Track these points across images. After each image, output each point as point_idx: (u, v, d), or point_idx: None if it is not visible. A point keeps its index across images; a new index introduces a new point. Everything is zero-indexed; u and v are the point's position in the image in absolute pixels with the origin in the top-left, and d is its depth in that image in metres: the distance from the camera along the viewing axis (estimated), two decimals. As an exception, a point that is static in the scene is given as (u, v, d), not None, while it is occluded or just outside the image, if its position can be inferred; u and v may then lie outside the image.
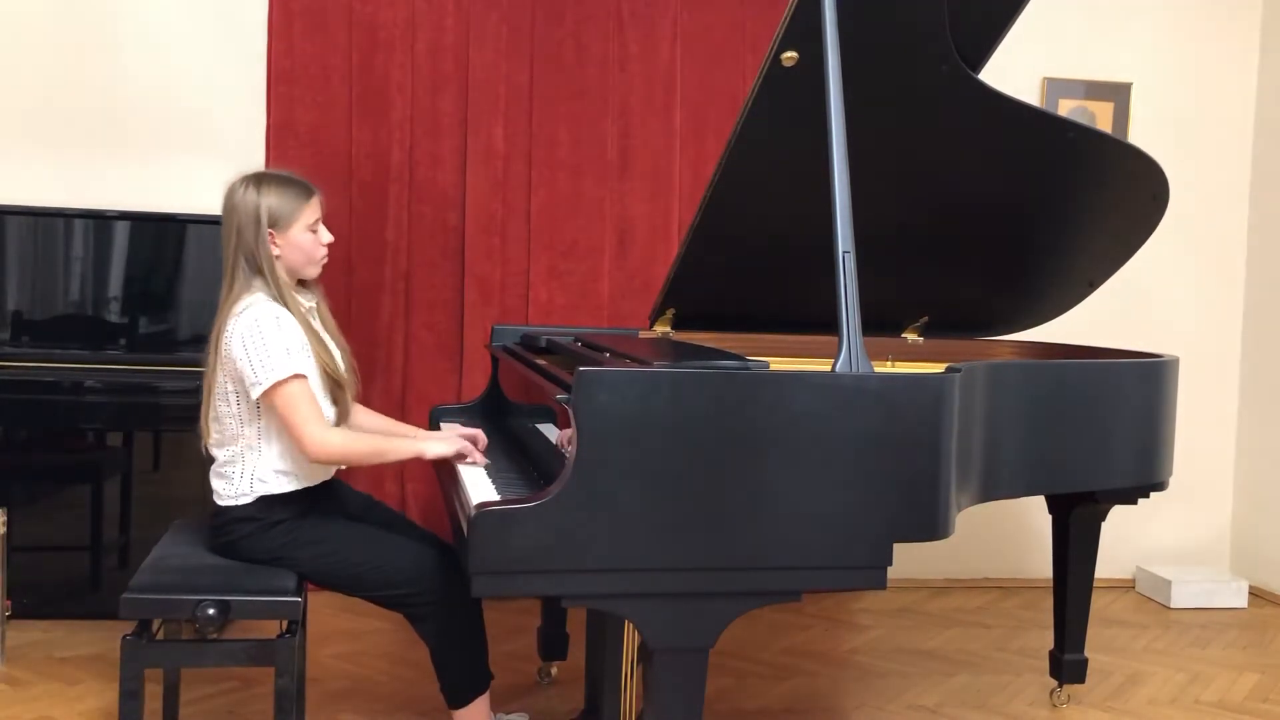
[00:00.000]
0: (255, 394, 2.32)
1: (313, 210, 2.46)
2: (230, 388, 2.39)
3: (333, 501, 2.59)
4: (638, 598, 1.90)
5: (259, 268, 2.40)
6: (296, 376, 2.32)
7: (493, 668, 2.51)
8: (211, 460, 2.48)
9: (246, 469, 2.41)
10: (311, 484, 2.49)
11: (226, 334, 2.36)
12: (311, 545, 2.41)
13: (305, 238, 2.44)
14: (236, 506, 2.41)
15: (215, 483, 2.46)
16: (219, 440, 2.45)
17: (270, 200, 2.39)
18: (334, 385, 2.45)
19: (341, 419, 2.48)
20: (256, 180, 2.42)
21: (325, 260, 2.53)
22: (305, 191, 2.45)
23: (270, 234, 2.40)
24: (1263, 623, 4.20)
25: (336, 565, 2.40)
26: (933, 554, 3.55)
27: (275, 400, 2.32)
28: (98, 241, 3.71)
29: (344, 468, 2.67)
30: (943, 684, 3.40)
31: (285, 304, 2.40)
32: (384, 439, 2.52)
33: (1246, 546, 4.64)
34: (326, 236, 2.50)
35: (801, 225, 2.51)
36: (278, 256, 2.42)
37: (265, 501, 2.41)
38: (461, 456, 2.45)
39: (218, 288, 2.46)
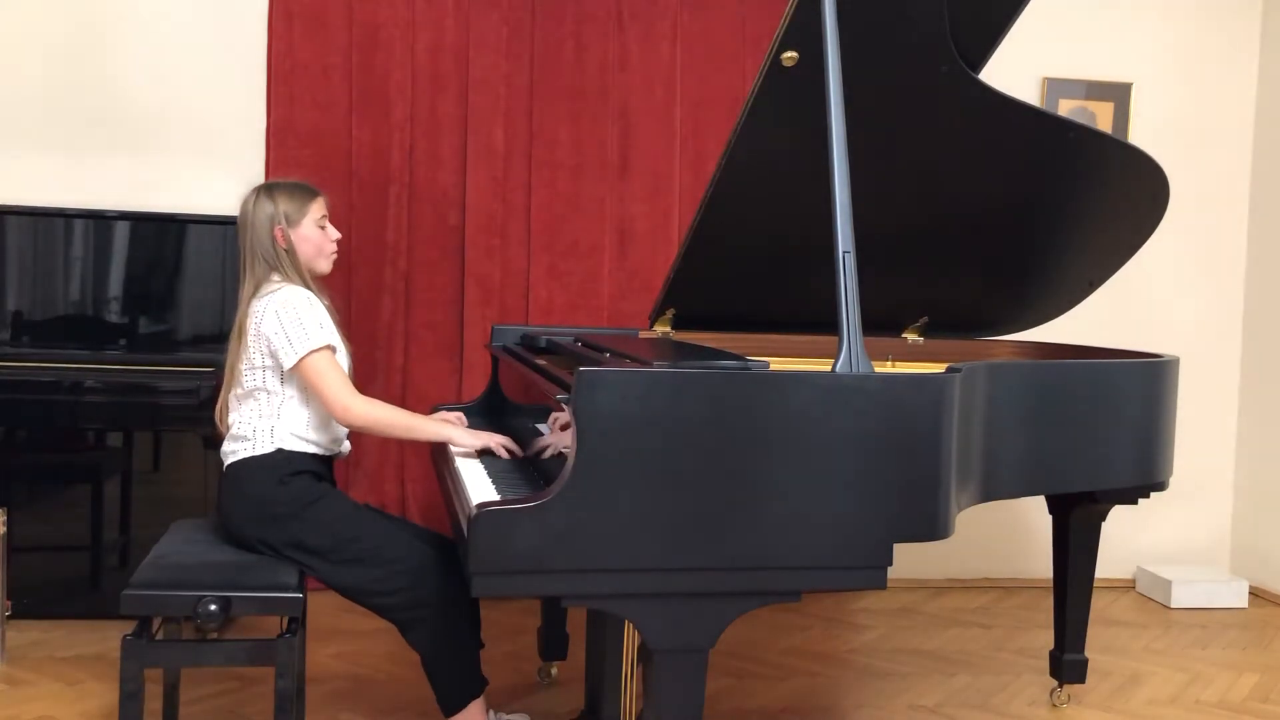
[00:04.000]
0: (289, 363, 2.45)
1: (319, 208, 2.64)
2: (259, 362, 2.50)
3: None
4: (638, 598, 1.90)
5: (276, 264, 2.57)
6: (328, 347, 2.48)
7: (493, 668, 2.51)
8: (221, 436, 2.57)
9: (267, 429, 2.51)
10: (328, 455, 2.60)
11: (256, 313, 2.50)
12: (325, 510, 2.47)
13: (314, 232, 2.62)
14: (254, 458, 2.49)
15: (231, 445, 2.54)
16: (240, 413, 2.54)
17: (281, 201, 2.58)
18: None
19: None
20: (267, 188, 2.62)
21: (335, 255, 2.70)
22: (310, 192, 2.64)
23: (280, 230, 2.56)
24: (1263, 623, 4.20)
25: (339, 542, 2.43)
26: (933, 554, 3.55)
27: (307, 369, 2.45)
28: (98, 241, 3.71)
29: (347, 449, 2.71)
30: (943, 684, 3.40)
31: (311, 291, 2.58)
32: (414, 415, 2.66)
33: (1246, 546, 4.64)
34: (334, 233, 2.68)
35: (801, 225, 2.51)
36: (287, 250, 2.57)
37: (285, 455, 2.49)
38: (486, 450, 2.54)
39: (218, 288, 2.54)
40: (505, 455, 2.51)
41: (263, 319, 2.47)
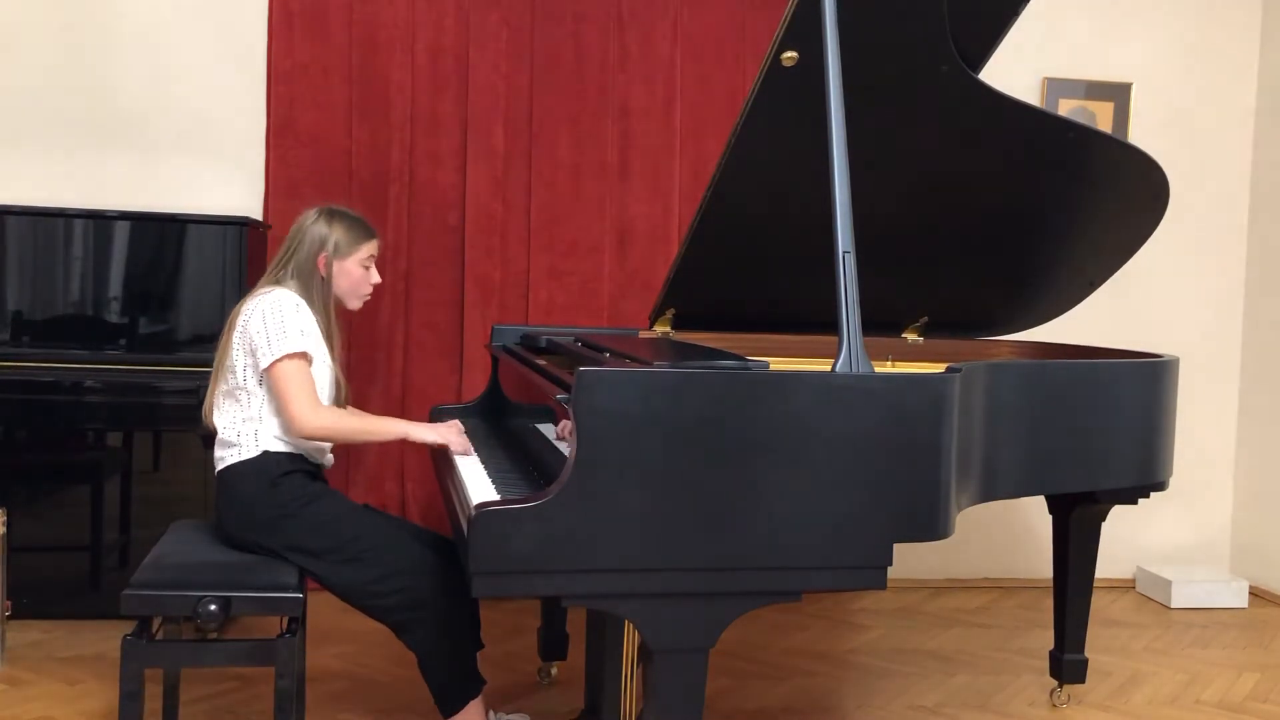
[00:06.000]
0: (265, 363, 2.45)
1: (370, 249, 2.66)
2: (244, 361, 2.50)
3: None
4: (638, 598, 1.90)
5: (305, 281, 2.57)
6: (302, 355, 2.46)
7: (493, 668, 2.51)
8: (214, 435, 2.56)
9: (251, 433, 2.50)
10: (311, 459, 2.59)
11: (247, 311, 2.51)
12: (323, 510, 2.47)
13: (357, 270, 2.64)
14: (242, 463, 2.48)
15: (220, 451, 2.53)
16: (225, 415, 2.54)
17: (337, 229, 2.60)
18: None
19: None
20: (329, 212, 2.63)
21: (368, 298, 2.70)
22: (368, 231, 2.67)
23: (325, 257, 2.58)
24: (1263, 623, 4.20)
25: (338, 542, 2.43)
26: (933, 554, 3.56)
27: (276, 373, 2.44)
28: (98, 241, 3.71)
29: (330, 461, 2.70)
30: (943, 684, 3.40)
31: (323, 311, 2.58)
32: (371, 419, 2.69)
33: (1246, 546, 4.64)
34: (375, 277, 2.69)
35: (801, 225, 2.51)
36: (325, 278, 2.59)
37: (272, 458, 2.49)
38: (444, 447, 2.55)
39: (218, 288, 2.53)
40: (460, 451, 2.52)
41: (250, 317, 2.49)
